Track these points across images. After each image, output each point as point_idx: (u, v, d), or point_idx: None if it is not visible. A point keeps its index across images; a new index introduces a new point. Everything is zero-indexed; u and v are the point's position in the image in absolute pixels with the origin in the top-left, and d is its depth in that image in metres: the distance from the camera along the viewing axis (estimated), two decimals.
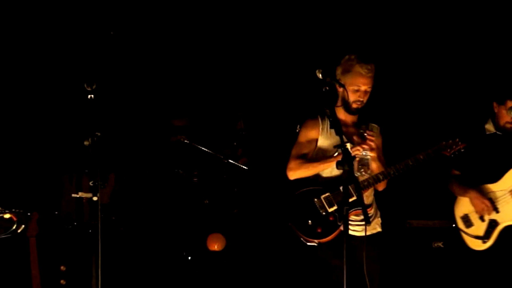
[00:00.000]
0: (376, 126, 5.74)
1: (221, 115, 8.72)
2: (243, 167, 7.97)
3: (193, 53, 8.83)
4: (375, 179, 5.42)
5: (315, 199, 5.39)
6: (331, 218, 5.37)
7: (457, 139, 5.66)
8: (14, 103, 8.12)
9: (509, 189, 6.08)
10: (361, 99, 5.45)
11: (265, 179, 8.14)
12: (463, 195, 6.28)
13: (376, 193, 5.71)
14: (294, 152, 5.56)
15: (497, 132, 6.32)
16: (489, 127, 6.38)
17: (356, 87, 5.40)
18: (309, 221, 5.36)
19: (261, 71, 8.71)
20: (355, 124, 5.59)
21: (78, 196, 6.10)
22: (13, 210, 5.69)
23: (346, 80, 5.41)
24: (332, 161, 5.32)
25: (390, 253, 7.51)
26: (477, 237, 6.18)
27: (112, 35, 8.64)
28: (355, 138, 5.39)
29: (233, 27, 8.70)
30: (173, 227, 7.98)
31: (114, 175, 7.98)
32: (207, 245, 7.89)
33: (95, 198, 5.33)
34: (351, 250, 5.31)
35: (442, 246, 7.33)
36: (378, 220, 5.65)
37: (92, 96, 5.36)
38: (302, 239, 5.40)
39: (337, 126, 4.87)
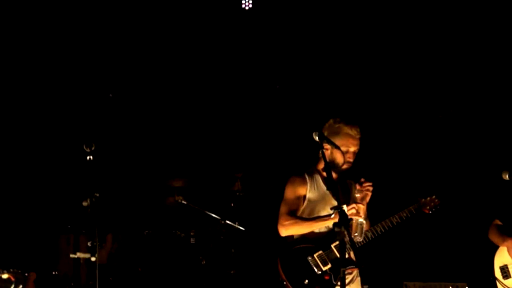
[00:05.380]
0: (353, 182, 5.78)
1: (219, 176, 8.77)
2: (241, 228, 7.99)
3: (190, 115, 8.93)
4: (365, 238, 5.46)
5: (309, 258, 5.40)
6: (326, 277, 5.38)
7: (434, 196, 5.74)
8: (14, 164, 8.18)
9: None
10: (351, 160, 5.51)
11: (262, 240, 8.16)
12: (501, 244, 6.17)
13: (372, 256, 5.75)
14: (284, 209, 5.56)
15: None
16: None
17: (346, 148, 5.44)
18: (306, 281, 5.36)
19: (259, 133, 8.81)
20: (338, 180, 5.59)
21: (76, 256, 6.12)
22: (11, 270, 5.69)
23: (335, 142, 5.40)
24: (326, 221, 5.37)
25: None
26: None
27: (111, 97, 8.74)
28: (357, 196, 5.42)
29: (228, 96, 8.86)
30: (170, 287, 7.96)
31: (111, 236, 7.99)
32: None
33: (93, 259, 5.34)
34: None
35: None
36: (359, 280, 5.66)
37: (91, 157, 5.43)
38: None
39: (334, 188, 4.92)
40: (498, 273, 6.21)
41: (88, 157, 5.42)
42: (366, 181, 5.41)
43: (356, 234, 5.21)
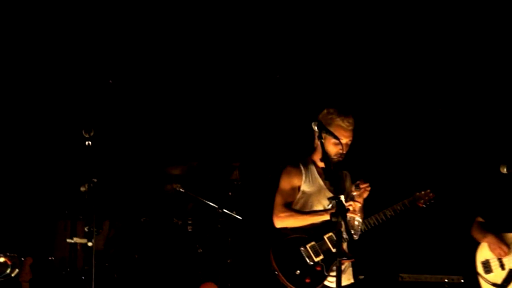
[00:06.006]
0: (347, 173, 5.79)
1: (217, 165, 8.77)
2: (238, 217, 8.00)
3: (190, 104, 8.93)
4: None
5: (301, 248, 5.43)
6: (318, 268, 5.40)
7: (428, 190, 5.79)
8: (12, 148, 8.17)
9: None
10: (343, 152, 5.50)
11: (259, 229, 8.17)
12: (482, 239, 6.24)
13: (368, 247, 5.77)
14: (279, 200, 5.59)
15: None
16: None
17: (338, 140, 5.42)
18: (297, 271, 5.38)
19: (257, 122, 8.80)
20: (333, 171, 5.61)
21: (72, 241, 6.14)
22: (8, 254, 5.70)
23: (327, 133, 5.38)
24: (322, 215, 5.40)
25: None
26: (494, 285, 6.13)
27: (111, 84, 8.73)
28: (355, 194, 5.41)
29: (227, 84, 8.85)
30: (166, 275, 7.97)
31: (108, 222, 7.99)
32: None
33: (90, 244, 5.36)
34: None
35: None
36: (351, 270, 5.68)
37: (90, 142, 5.43)
38: None
39: (331, 178, 4.92)
40: (480, 268, 6.27)
41: (86, 143, 5.43)
42: (363, 182, 5.43)
43: (352, 232, 5.21)
